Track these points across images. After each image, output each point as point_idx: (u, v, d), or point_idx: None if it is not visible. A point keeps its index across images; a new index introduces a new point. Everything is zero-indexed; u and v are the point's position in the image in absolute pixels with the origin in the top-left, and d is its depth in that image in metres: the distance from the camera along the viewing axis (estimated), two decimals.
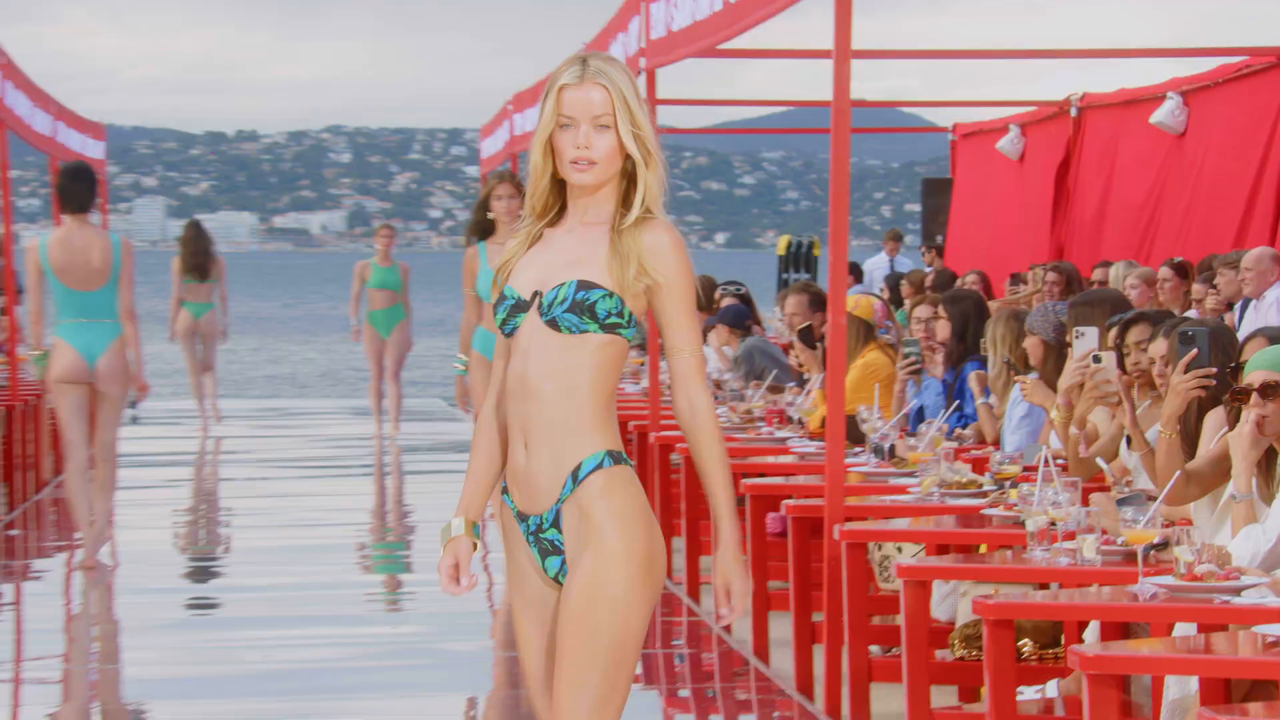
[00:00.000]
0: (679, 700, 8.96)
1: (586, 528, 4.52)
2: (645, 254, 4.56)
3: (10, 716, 8.74)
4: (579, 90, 4.52)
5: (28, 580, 12.36)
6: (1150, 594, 5.80)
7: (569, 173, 4.56)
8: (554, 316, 4.54)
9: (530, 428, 4.57)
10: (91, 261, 11.59)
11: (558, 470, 4.56)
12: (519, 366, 4.58)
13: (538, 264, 4.61)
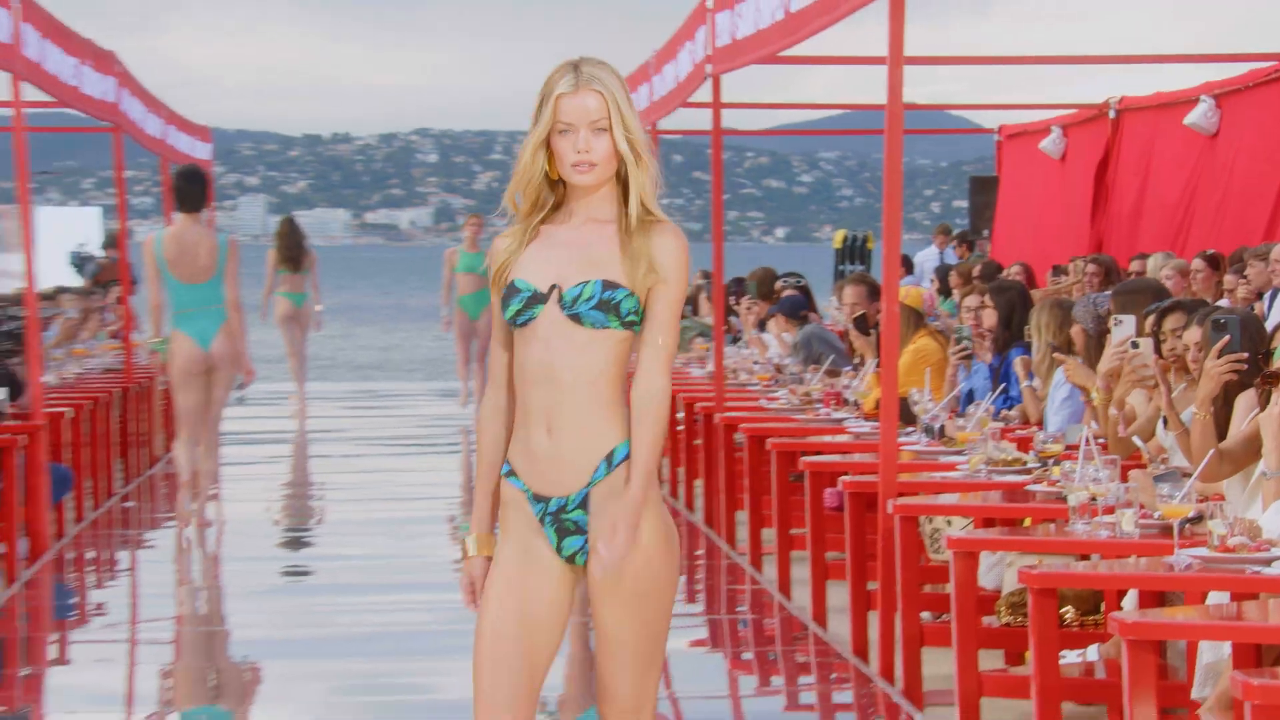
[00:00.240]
0: (743, 663, 8.96)
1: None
2: (654, 255, 4.52)
3: (127, 673, 8.81)
4: (575, 98, 4.47)
5: (142, 548, 12.45)
6: (1185, 564, 5.78)
7: (571, 175, 4.51)
8: (578, 312, 4.48)
9: (555, 414, 4.49)
10: (199, 258, 11.96)
11: (588, 455, 4.50)
12: (541, 355, 4.50)
13: (549, 259, 4.53)
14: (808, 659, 8.70)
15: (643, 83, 15.33)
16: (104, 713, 7.95)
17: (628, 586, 4.49)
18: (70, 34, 13.15)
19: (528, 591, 4.52)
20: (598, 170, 4.50)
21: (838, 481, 8.69)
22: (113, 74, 15.07)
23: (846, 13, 8.76)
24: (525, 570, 4.53)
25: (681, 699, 8.07)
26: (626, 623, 4.51)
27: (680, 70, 13.35)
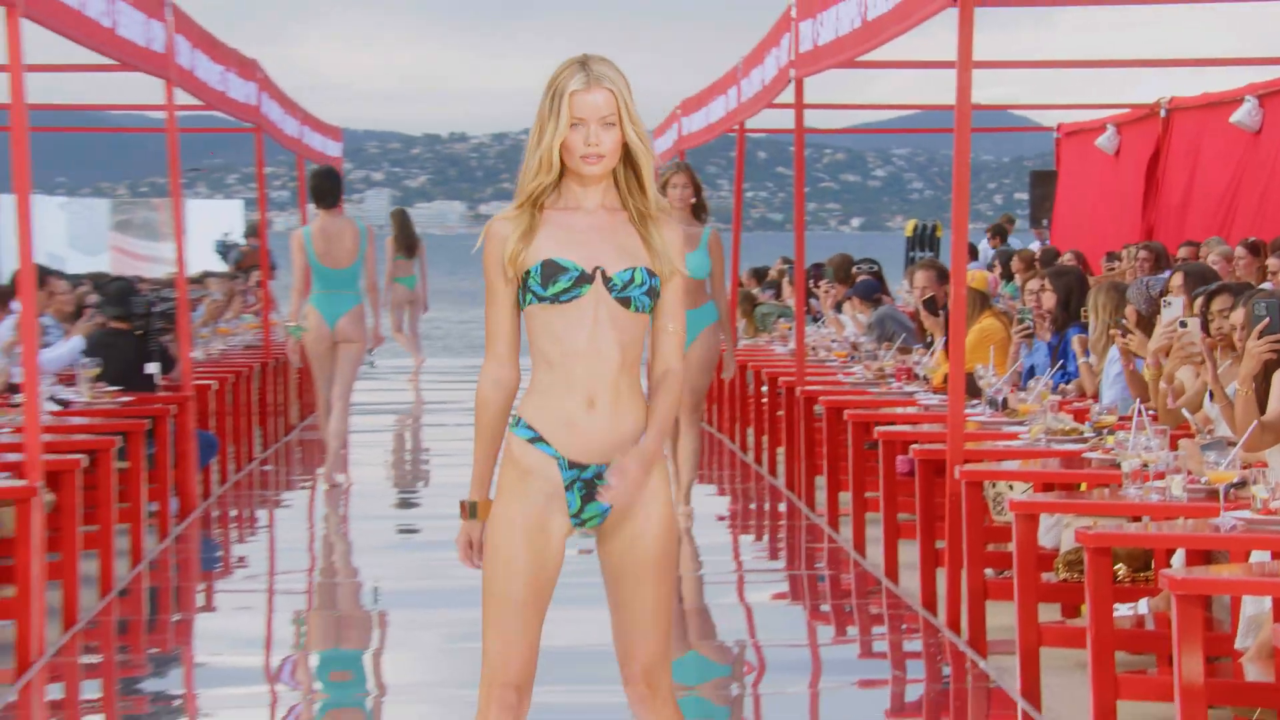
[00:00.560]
0: (821, 614, 8.95)
1: (645, 487, 4.44)
2: (670, 248, 4.48)
3: (266, 619, 8.88)
4: (588, 94, 4.39)
5: (278, 508, 12.55)
6: (1230, 526, 5.73)
7: (580, 166, 4.43)
8: (628, 295, 4.41)
9: (598, 388, 4.41)
10: (344, 245, 12.35)
11: (631, 427, 4.43)
12: (590, 333, 4.40)
13: (577, 242, 4.43)
14: (880, 611, 8.67)
15: (731, 85, 15.30)
16: (245, 654, 8.02)
17: (652, 551, 4.46)
18: (217, 44, 13.24)
19: (535, 556, 4.46)
20: (605, 161, 4.43)
21: (909, 449, 8.65)
22: (254, 80, 15.17)
23: (918, 21, 8.72)
24: (535, 536, 4.46)
25: (765, 647, 8.07)
26: (649, 587, 4.47)
27: (766, 74, 13.31)
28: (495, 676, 4.45)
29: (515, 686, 4.45)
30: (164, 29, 11.06)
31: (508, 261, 4.42)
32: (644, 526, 4.47)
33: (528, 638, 4.47)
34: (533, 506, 4.45)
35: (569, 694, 7.07)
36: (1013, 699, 6.84)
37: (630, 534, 4.47)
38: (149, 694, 7.38)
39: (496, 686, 4.45)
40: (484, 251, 4.44)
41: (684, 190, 10.70)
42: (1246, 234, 14.67)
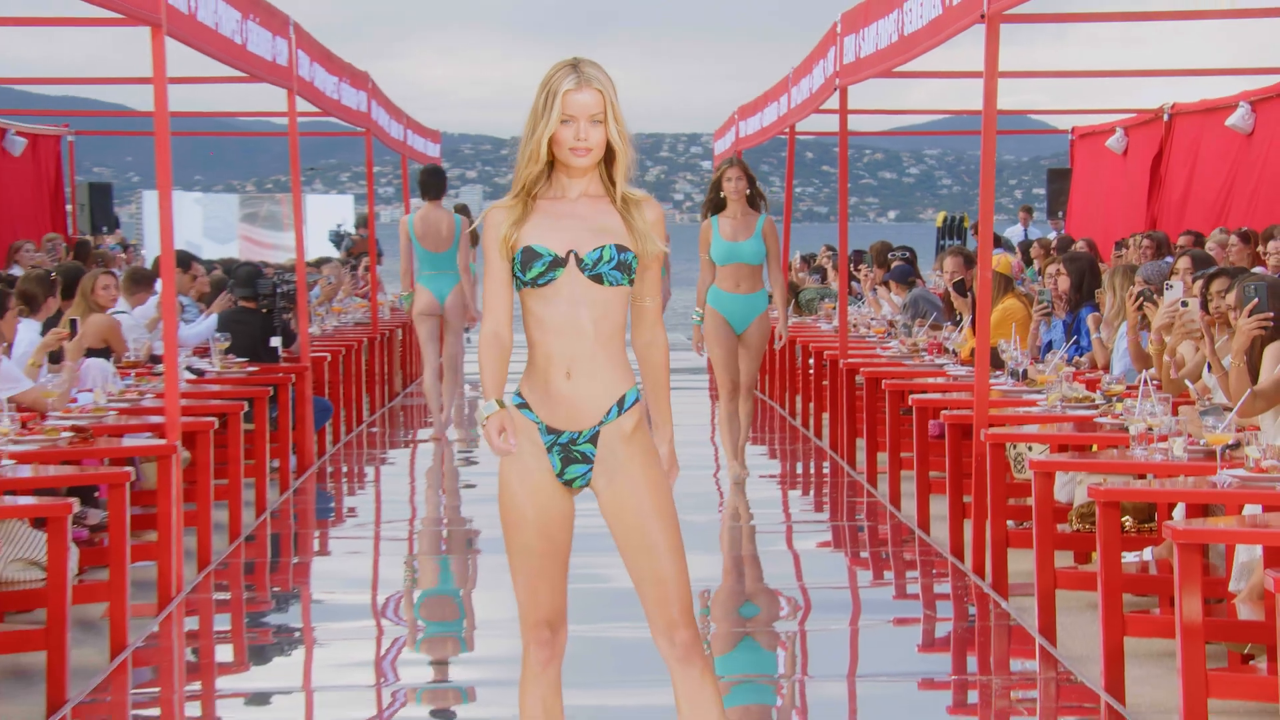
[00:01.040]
0: (860, 560, 8.91)
1: (631, 445, 4.36)
2: (653, 227, 4.39)
3: (373, 562, 8.92)
4: (578, 94, 4.31)
5: (384, 465, 12.60)
6: (1226, 482, 5.68)
7: (569, 158, 4.34)
8: (600, 272, 4.32)
9: (576, 361, 4.32)
10: (441, 232, 12.78)
11: (603, 397, 4.34)
12: (566, 311, 4.30)
13: (557, 228, 4.34)
14: (913, 557, 8.63)
15: (783, 93, 15.22)
16: (355, 593, 8.06)
17: (657, 495, 4.38)
18: (332, 57, 13.28)
19: (539, 509, 4.37)
20: (592, 154, 4.34)
21: (939, 415, 8.60)
22: (365, 89, 15.20)
23: (949, 35, 8.65)
24: (533, 491, 4.37)
25: (810, 589, 8.04)
26: (658, 533, 4.37)
27: (814, 83, 13.24)
28: (528, 617, 4.43)
29: (548, 623, 4.42)
30: (287, 45, 11.10)
31: (502, 246, 4.36)
32: (631, 479, 4.37)
33: (549, 580, 4.42)
34: (529, 462, 4.37)
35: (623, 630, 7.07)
36: (1031, 635, 6.79)
37: (619, 490, 4.38)
38: (272, 626, 7.43)
39: (530, 626, 4.43)
40: (484, 236, 4.39)
41: (738, 183, 10.49)
42: (1240, 224, 14.52)
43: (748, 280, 10.49)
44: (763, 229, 10.46)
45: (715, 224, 10.52)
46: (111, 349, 10.21)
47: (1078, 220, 20.65)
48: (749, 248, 10.41)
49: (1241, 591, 6.08)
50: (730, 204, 10.50)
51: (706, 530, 9.62)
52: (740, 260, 10.45)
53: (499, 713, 6.01)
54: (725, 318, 10.58)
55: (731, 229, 10.48)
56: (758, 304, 10.57)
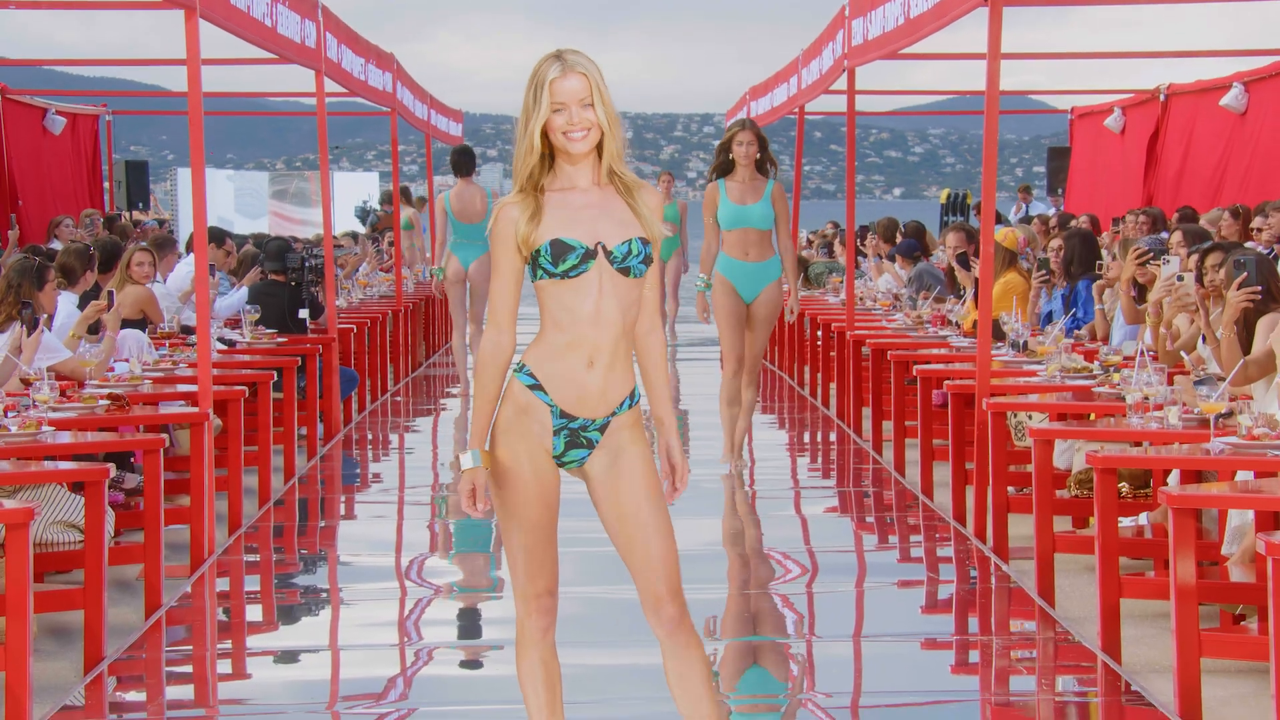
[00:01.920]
0: (866, 524, 8.90)
1: (629, 435, 4.32)
2: (655, 213, 4.32)
3: (397, 526, 8.93)
4: (564, 80, 4.21)
5: (408, 433, 12.61)
6: (1219, 450, 5.65)
7: (567, 144, 4.23)
8: (628, 265, 4.24)
9: (599, 351, 4.25)
10: (475, 206, 13.44)
11: (619, 389, 4.30)
12: (595, 302, 4.22)
13: (579, 220, 4.24)
14: (917, 522, 8.62)
15: (793, 74, 15.16)
16: (380, 556, 8.06)
17: (650, 480, 4.34)
18: (359, 39, 13.25)
19: (540, 481, 4.30)
20: (589, 137, 4.24)
21: (943, 384, 8.58)
22: (390, 70, 15.17)
23: (954, 18, 8.60)
24: (538, 463, 4.29)
25: (818, 552, 8.03)
26: (649, 514, 4.31)
27: (823, 64, 13.19)
28: (529, 589, 4.35)
29: (549, 591, 4.36)
30: (315, 28, 11.07)
31: (520, 242, 4.23)
32: (629, 464, 4.32)
33: (550, 551, 4.35)
34: (532, 439, 4.29)
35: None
36: (1031, 597, 6.78)
37: (618, 474, 4.33)
38: (300, 587, 7.44)
39: (532, 598, 4.35)
40: (495, 233, 4.25)
41: (749, 147, 9.66)
42: (1233, 201, 14.46)
43: (756, 246, 9.69)
44: (771, 193, 9.68)
45: (722, 187, 9.74)
46: (149, 319, 10.22)
47: (1077, 197, 20.59)
48: (757, 211, 9.67)
49: (1234, 554, 6.06)
50: (739, 168, 9.73)
51: (714, 494, 9.61)
52: (748, 225, 9.65)
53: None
54: (734, 286, 9.74)
55: (739, 192, 9.69)
56: (769, 272, 9.76)
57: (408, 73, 16.56)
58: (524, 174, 4.27)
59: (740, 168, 9.68)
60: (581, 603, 6.89)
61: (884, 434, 10.63)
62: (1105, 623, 5.95)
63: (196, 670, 6.18)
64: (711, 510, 9.15)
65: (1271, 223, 11.96)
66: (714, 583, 7.27)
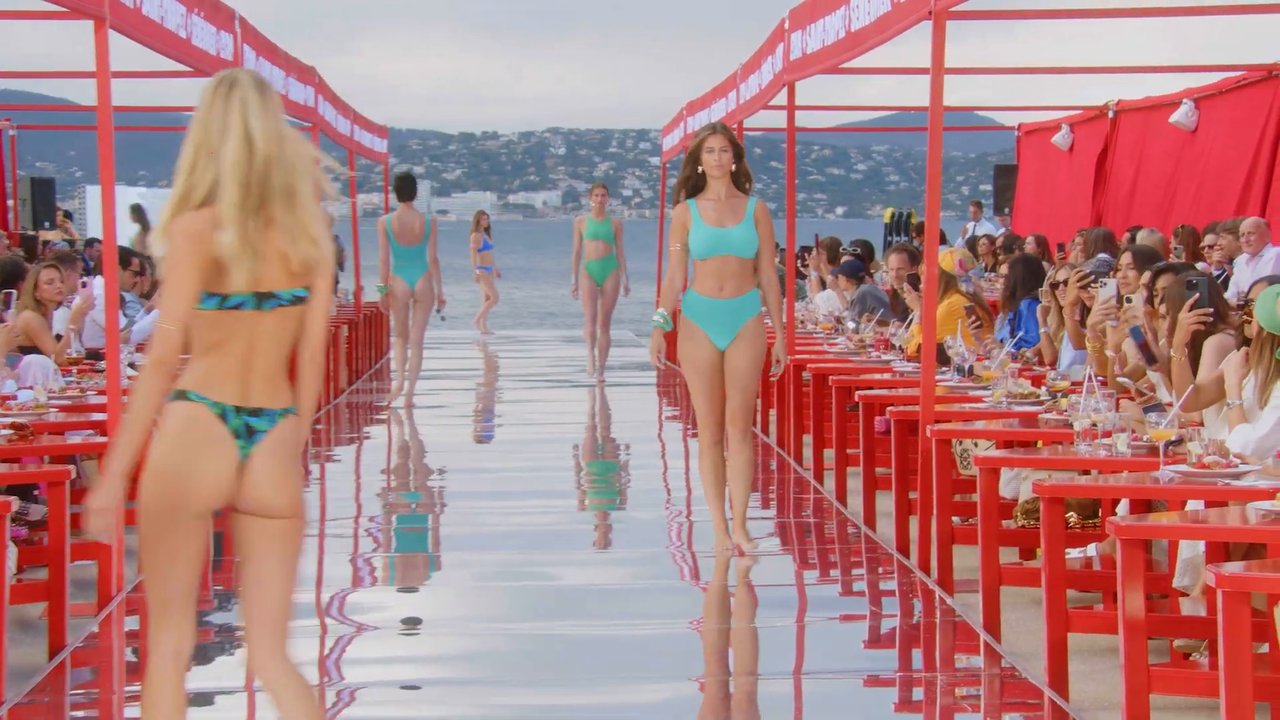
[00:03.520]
0: (807, 557, 8.92)
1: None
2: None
3: (317, 561, 8.86)
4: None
5: (329, 462, 12.53)
6: (1169, 478, 5.70)
7: None
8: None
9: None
10: (414, 230, 14.67)
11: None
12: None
13: None
14: (860, 554, 8.65)
15: (731, 89, 15.24)
16: (300, 591, 7.98)
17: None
18: (279, 52, 13.21)
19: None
20: None
21: (886, 411, 8.62)
22: (312, 84, 15.14)
23: (896, 32, 8.67)
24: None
25: (757, 587, 8.04)
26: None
27: (762, 79, 13.26)
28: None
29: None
30: (232, 39, 11.02)
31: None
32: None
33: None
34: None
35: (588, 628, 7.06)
36: (976, 631, 6.81)
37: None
38: (215, 625, 7.37)
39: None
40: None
41: (722, 154, 8.24)
42: (1183, 220, 14.66)
43: (735, 279, 8.22)
44: (755, 214, 8.25)
45: (694, 208, 8.28)
46: (40, 349, 10.06)
47: (1024, 217, 20.77)
48: (740, 236, 8.20)
49: (1193, 589, 6.11)
50: (712, 183, 8.27)
51: (654, 525, 9.61)
52: (729, 252, 8.18)
53: (445, 712, 5.98)
54: (705, 331, 8.24)
55: (716, 213, 8.22)
56: (747, 309, 8.27)
57: (330, 86, 16.52)
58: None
59: (714, 182, 8.27)
60: (536, 640, 6.88)
61: (825, 462, 10.67)
62: (1052, 658, 5.98)
63: (102, 714, 6.11)
64: (647, 543, 9.15)
65: (1222, 243, 12.13)
66: (649, 619, 7.27)
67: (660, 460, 12.66)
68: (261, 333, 4.23)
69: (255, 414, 4.26)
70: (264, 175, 4.18)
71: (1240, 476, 5.62)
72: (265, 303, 4.22)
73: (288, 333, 4.28)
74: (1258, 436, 6.23)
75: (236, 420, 4.25)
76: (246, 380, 4.25)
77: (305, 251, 4.21)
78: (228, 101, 4.22)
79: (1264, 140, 14.14)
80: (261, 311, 4.22)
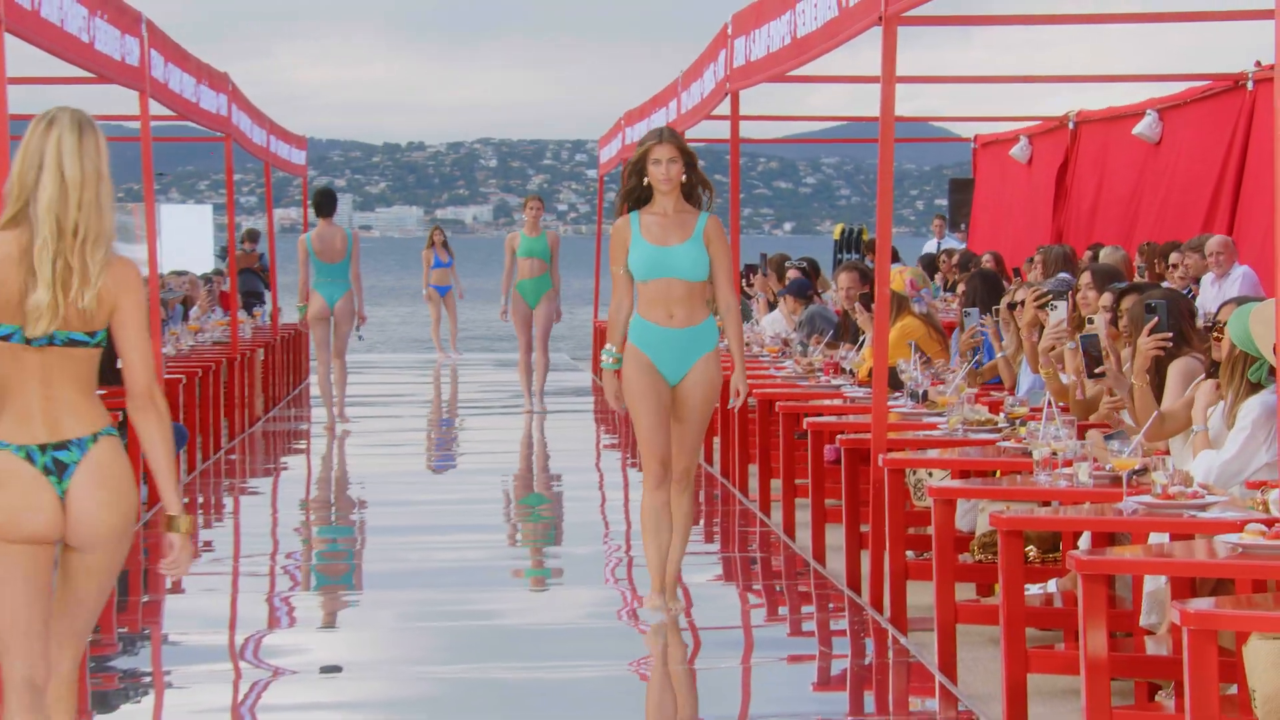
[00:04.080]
0: (754, 592, 8.93)
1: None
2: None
3: (230, 600, 8.81)
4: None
5: (244, 495, 12.46)
6: (1132, 510, 5.75)
7: None
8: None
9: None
10: (336, 246, 15.16)
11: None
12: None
13: None
14: (808, 591, 8.67)
15: (672, 98, 15.29)
16: (211, 634, 7.95)
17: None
18: (189, 57, 13.16)
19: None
20: None
21: (835, 439, 8.65)
22: (225, 92, 15.07)
23: (846, 39, 8.73)
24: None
25: (700, 626, 8.04)
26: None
27: (704, 87, 13.31)
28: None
29: None
30: (139, 44, 10.96)
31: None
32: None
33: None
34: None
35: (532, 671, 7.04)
36: (931, 672, 6.84)
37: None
38: (119, 671, 7.30)
39: None
40: None
41: (671, 166, 7.72)
42: (1148, 236, 14.80)
43: (684, 306, 7.70)
44: (705, 231, 7.72)
45: (636, 223, 7.77)
46: None
47: (982, 233, 20.89)
48: (686, 257, 7.68)
49: (1160, 627, 6.16)
50: (659, 198, 7.78)
51: (591, 560, 9.60)
52: (673, 274, 7.68)
53: None
54: (652, 361, 7.73)
55: (660, 229, 7.72)
56: (702, 340, 7.75)
57: (244, 94, 16.46)
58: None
59: (661, 196, 7.76)
60: (469, 685, 6.86)
61: (772, 493, 10.69)
62: (1010, 700, 6.01)
63: None
64: (585, 579, 9.14)
65: (1188, 263, 12.25)
66: (586, 661, 7.25)
67: (598, 492, 12.65)
68: (49, 365, 4.46)
69: (61, 447, 4.48)
70: (74, 217, 4.42)
71: (1207, 508, 5.67)
72: (34, 341, 4.43)
73: (82, 364, 4.55)
74: (1223, 459, 6.29)
75: (43, 458, 4.47)
76: (48, 414, 4.48)
77: (89, 299, 4.45)
78: (44, 139, 4.44)
79: (1231, 153, 14.28)
80: (35, 348, 4.43)
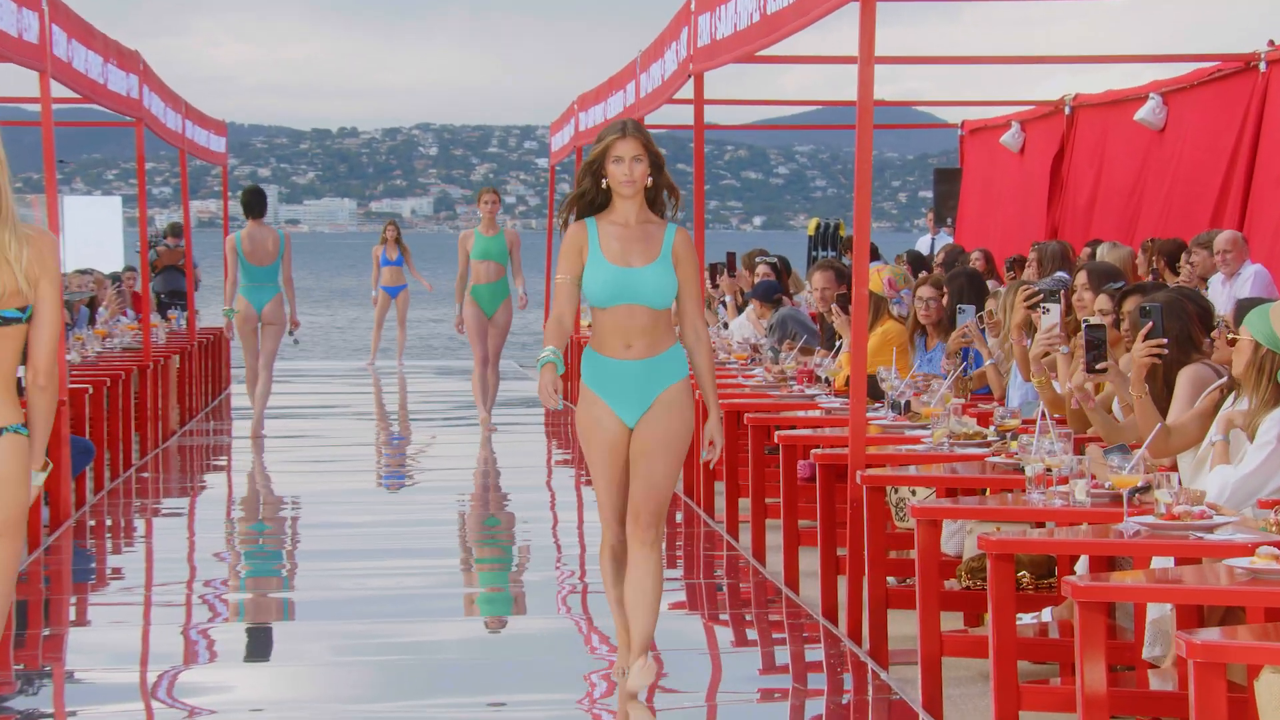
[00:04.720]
0: (720, 622, 8.94)
1: None
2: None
3: (141, 634, 8.77)
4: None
5: (157, 516, 12.42)
6: (1133, 531, 5.77)
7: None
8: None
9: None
10: (266, 248, 15.70)
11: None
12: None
13: None
14: (780, 619, 8.68)
15: (630, 80, 15.30)
16: (120, 670, 7.92)
17: None
18: (96, 34, 13.10)
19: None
20: None
21: (809, 454, 8.67)
22: (136, 72, 15.02)
23: (819, 15, 8.74)
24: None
25: (665, 655, 8.04)
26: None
27: (666, 69, 13.33)
28: None
29: None
30: (39, 19, 10.92)
31: None
32: None
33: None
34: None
35: None
36: (914, 710, 6.86)
37: None
38: (17, 712, 7.27)
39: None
40: None
41: (635, 165, 6.92)
42: (1152, 232, 14.86)
43: (646, 335, 6.89)
44: (674, 248, 6.95)
45: (593, 233, 6.96)
46: None
47: (970, 228, 20.96)
48: (653, 280, 6.88)
49: (1165, 660, 6.19)
50: (619, 203, 6.99)
51: (544, 587, 9.60)
52: (636, 301, 6.87)
53: None
54: (609, 405, 6.91)
55: (621, 245, 6.91)
56: (665, 370, 6.92)
57: (157, 74, 16.41)
58: None
59: (621, 201, 6.96)
60: None
61: (740, 514, 10.71)
62: None
63: None
64: (536, 608, 9.14)
65: (1195, 260, 12.33)
66: (537, 696, 7.25)
67: (549, 513, 12.65)
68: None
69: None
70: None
71: (1215, 529, 5.70)
72: None
73: (10, 344, 5.02)
74: (1240, 475, 6.31)
75: None
76: None
77: (11, 274, 4.92)
78: None
79: (1242, 141, 14.36)
80: None
